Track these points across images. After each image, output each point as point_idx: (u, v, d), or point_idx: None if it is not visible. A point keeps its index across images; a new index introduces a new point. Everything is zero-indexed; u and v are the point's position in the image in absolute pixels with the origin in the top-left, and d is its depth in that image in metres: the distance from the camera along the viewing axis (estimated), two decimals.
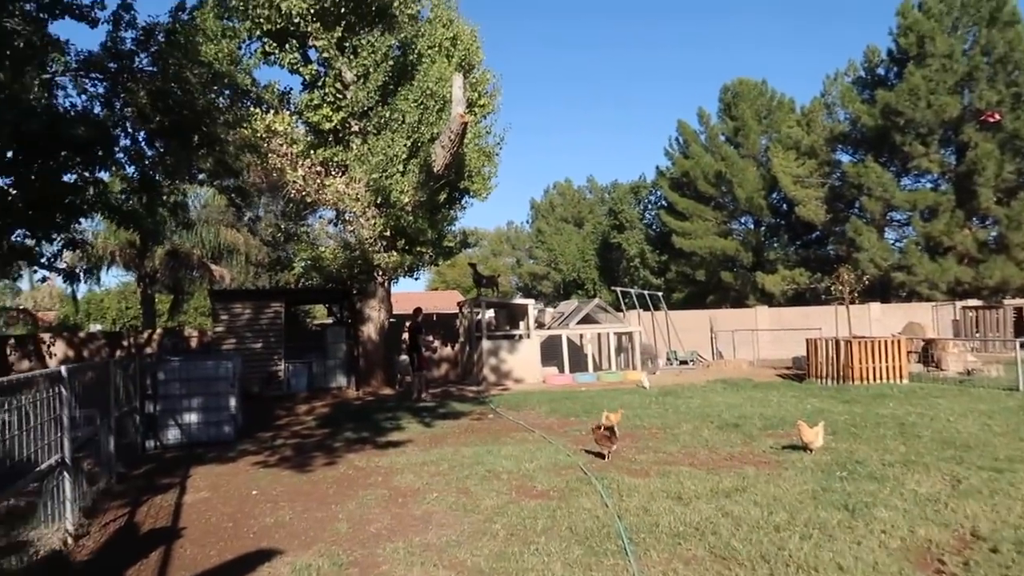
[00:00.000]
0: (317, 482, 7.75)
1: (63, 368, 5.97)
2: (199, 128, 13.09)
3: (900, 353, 15.24)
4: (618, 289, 21.65)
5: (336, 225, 16.93)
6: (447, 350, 20.27)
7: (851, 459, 7.67)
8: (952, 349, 17.34)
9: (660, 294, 22.50)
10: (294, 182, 15.86)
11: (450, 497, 6.75)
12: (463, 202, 18.52)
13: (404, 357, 17.42)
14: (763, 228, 37.85)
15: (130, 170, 12.57)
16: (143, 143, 12.90)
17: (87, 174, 11.17)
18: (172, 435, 10.56)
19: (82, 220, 11.94)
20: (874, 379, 14.94)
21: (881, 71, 30.91)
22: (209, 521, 6.31)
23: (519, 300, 18.44)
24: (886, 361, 15.13)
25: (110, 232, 27.50)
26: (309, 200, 16.16)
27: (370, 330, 16.89)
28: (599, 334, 19.56)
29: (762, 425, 10.20)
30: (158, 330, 19.47)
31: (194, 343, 18.55)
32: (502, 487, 7.06)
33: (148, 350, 17.87)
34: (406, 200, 15.88)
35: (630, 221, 48.25)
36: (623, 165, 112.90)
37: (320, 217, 17.22)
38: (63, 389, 5.88)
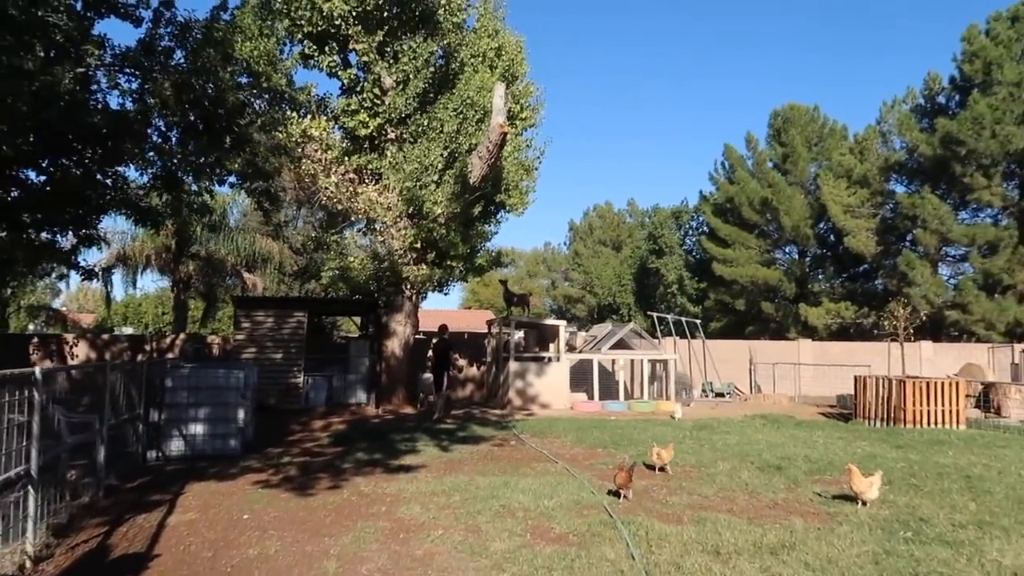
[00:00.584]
0: (315, 508, 7.09)
1: (37, 369, 5.42)
2: (230, 128, 12.75)
3: (958, 396, 14.15)
4: (654, 314, 20.77)
5: (366, 235, 16.40)
6: (473, 370, 19.59)
7: (914, 516, 6.76)
8: (1015, 395, 16.11)
9: (698, 322, 21.57)
10: (326, 188, 15.41)
11: (457, 535, 6.04)
12: (498, 217, 17.89)
13: (428, 375, 16.77)
14: (808, 259, 36.55)
15: (156, 167, 12.24)
16: (174, 140, 12.58)
17: (108, 169, 10.81)
18: (176, 446, 10.02)
19: (102, 216, 11.53)
20: (928, 423, 13.86)
21: (942, 99, 29.65)
22: (188, 549, 5.68)
23: (550, 321, 17.69)
24: (942, 404, 14.04)
25: (146, 236, 27.56)
26: (340, 208, 15.69)
27: (394, 345, 16.29)
28: (632, 360, 18.70)
29: (807, 469, 9.30)
30: (181, 335, 19.16)
31: (216, 350, 18.16)
32: (516, 527, 6.32)
33: (170, 355, 17.51)
34: (439, 211, 15.32)
35: (670, 246, 47.25)
36: (666, 190, 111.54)
37: (354, 229, 16.62)
38: (35, 393, 5.32)
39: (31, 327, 39.20)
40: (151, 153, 11.78)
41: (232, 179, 13.51)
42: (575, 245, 61.31)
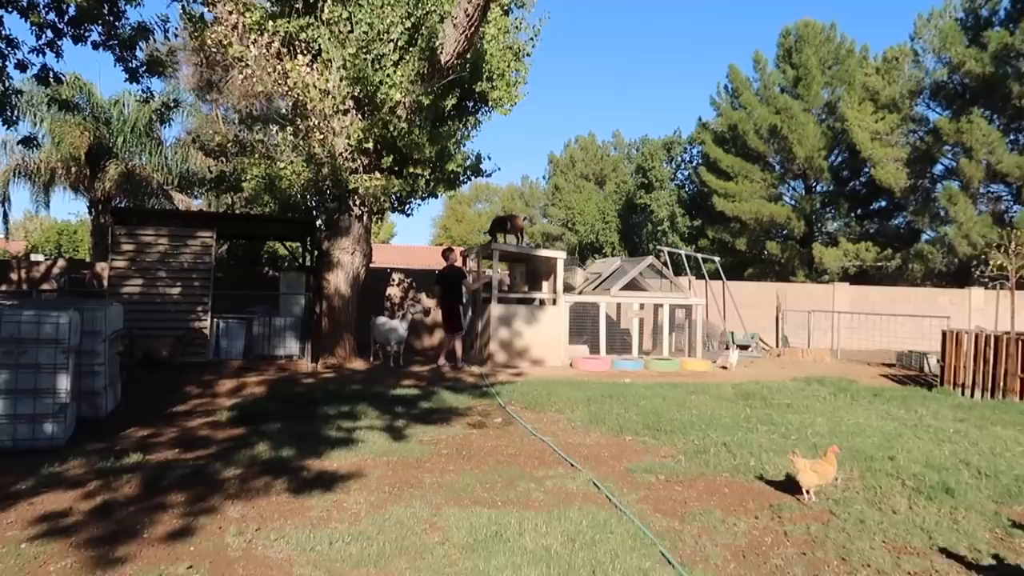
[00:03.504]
0: None
1: None
2: None
3: None
4: (665, 249, 17.01)
5: (294, 130, 12.10)
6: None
7: None
8: None
9: (717, 260, 17.82)
10: (240, 60, 11.15)
11: None
12: (478, 115, 13.73)
13: (383, 319, 12.85)
14: (817, 194, 32.89)
15: None
16: None
17: None
18: None
19: None
20: None
21: (985, 12, 25.70)
22: None
23: (545, 252, 13.78)
24: None
25: (52, 145, 22.93)
26: (260, 90, 11.48)
27: (338, 280, 12.30)
28: (645, 305, 14.85)
29: (992, 493, 5.63)
30: (59, 261, 14.81)
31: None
32: None
33: (45, 287, 13.39)
34: (398, 98, 11.17)
35: (660, 180, 43.33)
36: (654, 121, 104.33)
37: (286, 128, 12.31)
38: None
39: None
40: None
41: (95, 36, 9.19)
42: (555, 179, 56.91)
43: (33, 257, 28.84)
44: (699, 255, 17.83)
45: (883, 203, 30.71)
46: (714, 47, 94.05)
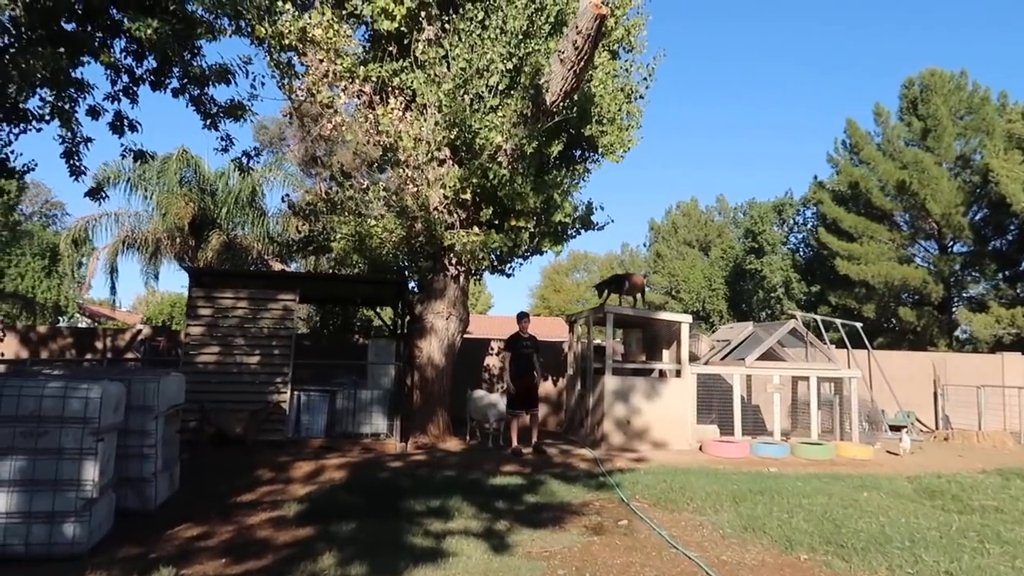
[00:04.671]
0: None
1: None
2: None
3: None
4: (798, 313, 14.89)
5: (382, 175, 11.09)
6: (548, 385, 14.06)
7: None
8: None
9: (859, 325, 15.51)
10: (329, 107, 10.25)
11: None
12: (587, 163, 12.35)
13: (480, 392, 11.32)
14: (956, 254, 29.67)
15: None
16: None
17: None
18: None
19: None
20: None
21: None
22: None
23: (666, 315, 12.03)
24: None
25: (158, 216, 23.33)
26: (350, 139, 10.52)
27: (432, 348, 10.95)
28: (782, 377, 12.74)
29: None
30: (142, 328, 14.22)
31: None
32: None
33: (129, 355, 12.71)
34: (499, 142, 9.96)
35: (772, 244, 40.77)
36: (759, 185, 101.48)
37: (379, 182, 11.34)
38: None
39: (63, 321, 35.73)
40: None
41: (175, 83, 8.45)
42: (656, 246, 55.10)
43: (139, 327, 29.27)
44: (837, 320, 15.58)
45: None
46: (817, 106, 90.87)
